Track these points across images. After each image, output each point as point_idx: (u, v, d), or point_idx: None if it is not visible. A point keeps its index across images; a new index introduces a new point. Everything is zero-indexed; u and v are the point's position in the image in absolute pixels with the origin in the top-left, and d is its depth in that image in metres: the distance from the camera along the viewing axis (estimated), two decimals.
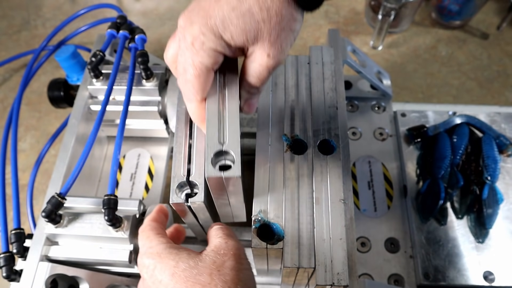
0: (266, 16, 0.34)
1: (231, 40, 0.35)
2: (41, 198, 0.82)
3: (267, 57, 0.36)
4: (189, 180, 0.45)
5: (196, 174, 0.45)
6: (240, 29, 0.34)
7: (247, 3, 0.33)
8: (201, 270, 0.37)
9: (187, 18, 0.36)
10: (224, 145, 0.39)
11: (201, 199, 0.44)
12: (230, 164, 0.39)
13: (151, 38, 1.03)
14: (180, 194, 0.46)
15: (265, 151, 0.48)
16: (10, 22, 1.10)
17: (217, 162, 0.39)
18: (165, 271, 0.37)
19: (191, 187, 0.46)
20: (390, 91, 0.76)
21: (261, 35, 0.35)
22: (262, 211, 0.44)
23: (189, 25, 0.35)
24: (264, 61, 0.37)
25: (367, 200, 0.68)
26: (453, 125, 0.72)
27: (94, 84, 0.62)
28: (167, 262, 0.38)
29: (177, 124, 0.49)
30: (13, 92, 0.98)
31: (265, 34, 0.35)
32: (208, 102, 0.41)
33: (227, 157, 0.39)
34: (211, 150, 0.38)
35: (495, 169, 0.66)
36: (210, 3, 0.34)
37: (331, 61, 0.55)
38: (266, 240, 0.42)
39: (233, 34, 0.34)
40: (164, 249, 0.39)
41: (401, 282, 0.62)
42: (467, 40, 1.02)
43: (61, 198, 0.48)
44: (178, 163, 0.47)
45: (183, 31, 0.36)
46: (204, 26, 0.34)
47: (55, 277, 0.49)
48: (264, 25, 0.34)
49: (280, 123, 0.50)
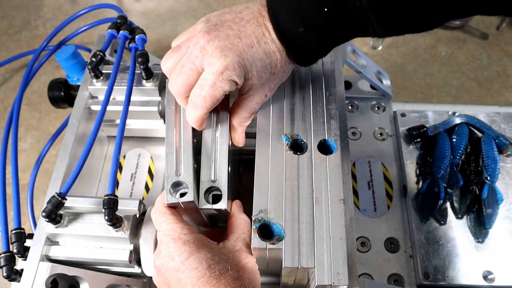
0: (277, 71, 0.45)
1: (248, 80, 0.44)
2: (42, 198, 0.81)
3: (264, 97, 0.47)
4: (180, 180, 0.46)
5: (185, 173, 0.46)
6: (258, 75, 0.43)
7: (270, 59, 0.43)
8: (230, 264, 0.42)
9: (218, 48, 0.42)
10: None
11: (191, 198, 0.45)
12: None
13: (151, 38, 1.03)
14: (175, 194, 0.46)
15: (265, 151, 0.48)
16: (11, 22, 1.11)
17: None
18: (202, 261, 0.41)
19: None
20: (390, 91, 0.77)
21: (267, 82, 0.45)
22: (262, 210, 0.44)
23: (222, 55, 0.41)
24: (261, 99, 0.47)
25: (367, 200, 0.68)
26: (452, 125, 0.72)
27: (95, 84, 0.62)
28: (204, 253, 0.42)
29: (167, 125, 0.50)
30: (13, 92, 0.99)
31: (270, 81, 0.46)
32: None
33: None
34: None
35: (494, 169, 0.66)
36: (244, 46, 0.42)
37: (331, 61, 0.55)
38: (267, 240, 0.42)
39: (253, 76, 0.43)
40: (199, 239, 0.44)
41: (401, 282, 0.62)
42: (467, 40, 1.03)
43: (62, 198, 0.48)
44: (171, 163, 0.47)
45: (210, 56, 0.42)
46: (237, 64, 0.42)
47: (55, 277, 0.49)
48: (273, 76, 0.45)
49: (280, 123, 0.50)
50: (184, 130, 0.50)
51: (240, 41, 0.42)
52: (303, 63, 0.46)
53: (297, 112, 0.51)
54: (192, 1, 1.09)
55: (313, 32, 0.42)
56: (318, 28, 0.42)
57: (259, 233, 0.43)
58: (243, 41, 0.42)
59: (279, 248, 0.42)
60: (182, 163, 0.47)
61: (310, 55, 0.45)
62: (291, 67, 0.46)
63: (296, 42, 0.42)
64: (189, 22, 1.08)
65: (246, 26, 0.43)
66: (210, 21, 0.44)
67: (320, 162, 0.47)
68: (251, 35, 0.42)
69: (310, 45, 0.43)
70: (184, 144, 0.49)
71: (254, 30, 0.42)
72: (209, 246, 0.43)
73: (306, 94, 0.52)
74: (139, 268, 0.54)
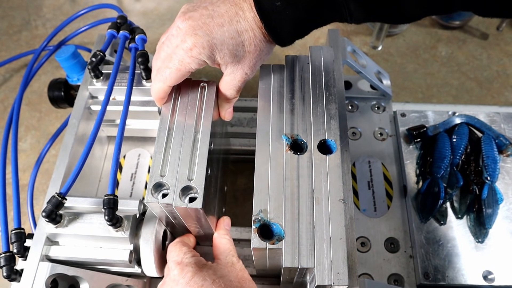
0: (252, 49, 0.46)
1: (220, 59, 0.46)
2: (42, 198, 0.82)
3: (245, 75, 0.48)
4: (162, 181, 0.46)
5: (169, 175, 0.47)
6: (231, 54, 0.45)
7: (242, 37, 0.45)
8: (230, 277, 0.46)
9: (190, 27, 0.44)
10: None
11: (170, 201, 0.45)
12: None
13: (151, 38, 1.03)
14: (157, 194, 0.47)
15: (265, 151, 0.48)
16: (11, 22, 1.11)
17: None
18: (206, 277, 0.45)
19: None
20: (390, 91, 0.77)
21: (244, 60, 0.47)
22: (262, 210, 0.44)
23: (193, 33, 0.44)
24: (243, 77, 0.49)
25: (367, 200, 0.68)
26: (452, 125, 0.72)
27: (95, 84, 0.62)
28: (206, 271, 0.45)
29: (160, 124, 0.50)
30: (13, 92, 0.98)
31: (247, 60, 0.47)
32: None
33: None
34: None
35: (494, 169, 0.66)
36: (214, 25, 0.44)
37: (331, 61, 0.55)
38: (267, 240, 0.42)
39: (225, 55, 0.45)
40: (199, 261, 0.48)
41: (401, 282, 0.62)
42: (467, 40, 1.02)
43: (62, 198, 0.48)
44: (157, 163, 0.47)
45: (183, 34, 0.45)
46: (206, 42, 0.44)
47: (55, 277, 0.49)
48: (249, 54, 0.46)
49: (280, 123, 0.50)
50: (176, 131, 0.50)
51: (212, 21, 0.44)
52: (280, 41, 0.46)
53: (297, 112, 0.51)
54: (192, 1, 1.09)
55: (289, 5, 0.43)
56: (294, 3, 0.43)
57: (259, 233, 0.43)
58: (215, 20, 0.44)
59: (279, 248, 0.42)
60: (168, 165, 0.47)
61: (287, 32, 0.46)
62: (269, 46, 0.47)
63: (273, 16, 0.44)
64: None
65: (221, 6, 0.45)
66: (191, 3, 0.47)
67: (320, 162, 0.47)
68: (224, 14, 0.44)
69: (286, 19, 0.44)
70: (173, 146, 0.49)
71: (227, 9, 0.44)
72: (209, 264, 0.47)
73: (306, 94, 0.52)
74: (139, 268, 0.54)
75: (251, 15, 0.44)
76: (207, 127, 0.50)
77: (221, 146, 0.49)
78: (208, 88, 0.53)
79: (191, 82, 0.53)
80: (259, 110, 0.51)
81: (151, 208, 0.49)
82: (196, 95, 0.52)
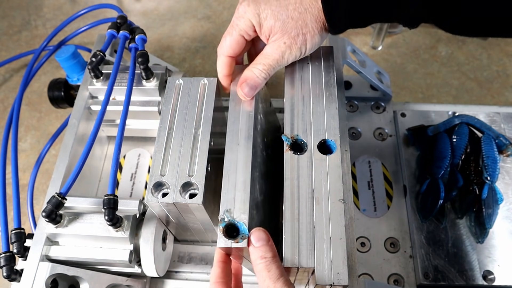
0: (295, 16, 0.45)
1: (265, 20, 0.46)
2: (42, 198, 0.82)
3: (283, 44, 0.47)
4: (162, 180, 0.46)
5: (169, 175, 0.46)
6: (273, 15, 0.46)
7: (288, 0, 0.45)
8: None
9: (247, 1, 0.47)
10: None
11: (171, 200, 0.45)
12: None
13: (151, 38, 1.03)
14: (157, 194, 0.46)
15: (234, 151, 0.47)
16: (11, 22, 1.11)
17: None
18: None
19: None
20: (390, 91, 0.77)
21: (286, 27, 0.46)
22: (228, 210, 0.43)
23: (247, 5, 0.47)
24: (280, 48, 0.47)
25: (367, 200, 0.68)
26: (452, 125, 0.72)
27: (95, 84, 0.62)
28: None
29: (161, 123, 0.50)
30: (13, 92, 0.99)
31: (289, 28, 0.46)
32: None
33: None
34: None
35: (494, 169, 0.66)
36: (267, 2, 0.46)
37: (331, 61, 0.55)
38: (231, 239, 0.42)
39: (268, 16, 0.46)
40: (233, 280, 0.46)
41: (401, 282, 0.62)
42: (467, 40, 1.02)
43: (62, 198, 0.48)
44: (157, 163, 0.47)
45: (240, 6, 0.47)
46: (252, 1, 0.46)
47: (55, 277, 0.49)
48: (291, 21, 0.46)
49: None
50: (176, 130, 0.50)
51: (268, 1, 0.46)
52: (334, 25, 0.46)
53: (297, 112, 0.51)
54: (192, 1, 1.09)
55: None
56: None
57: (224, 233, 0.42)
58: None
59: (243, 247, 0.41)
60: (168, 164, 0.47)
61: (343, 16, 0.45)
62: (318, 28, 0.46)
63: None
64: (189, 22, 1.08)
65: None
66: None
67: (320, 162, 0.47)
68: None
69: (343, 3, 0.44)
70: (173, 145, 0.49)
71: None
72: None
73: (306, 94, 0.52)
74: (139, 268, 0.54)
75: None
76: (207, 124, 0.50)
77: (222, 146, 0.48)
78: (209, 85, 0.53)
79: (192, 81, 0.53)
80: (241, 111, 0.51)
81: (151, 207, 0.49)
82: (197, 92, 0.52)
